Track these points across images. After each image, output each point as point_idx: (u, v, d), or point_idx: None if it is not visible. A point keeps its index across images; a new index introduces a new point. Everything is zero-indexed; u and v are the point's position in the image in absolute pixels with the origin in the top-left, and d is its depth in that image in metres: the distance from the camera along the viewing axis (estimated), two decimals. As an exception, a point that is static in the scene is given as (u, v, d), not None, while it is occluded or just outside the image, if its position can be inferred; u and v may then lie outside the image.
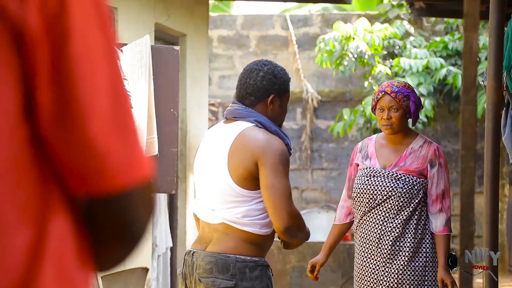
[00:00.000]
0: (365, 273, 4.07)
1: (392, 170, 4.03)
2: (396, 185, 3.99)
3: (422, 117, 9.72)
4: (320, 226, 9.61)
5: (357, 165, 4.16)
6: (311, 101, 11.58)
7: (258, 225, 3.26)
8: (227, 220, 3.27)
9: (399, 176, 4.01)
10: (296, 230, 3.27)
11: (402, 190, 3.98)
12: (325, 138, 11.60)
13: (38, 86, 1.04)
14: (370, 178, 4.05)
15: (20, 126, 1.03)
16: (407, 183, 3.99)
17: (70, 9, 1.04)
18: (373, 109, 4.11)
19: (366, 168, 4.08)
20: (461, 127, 6.71)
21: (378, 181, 4.03)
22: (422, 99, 9.83)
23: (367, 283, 4.06)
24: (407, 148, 4.07)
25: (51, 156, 1.06)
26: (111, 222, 1.11)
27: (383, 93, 4.05)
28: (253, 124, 3.31)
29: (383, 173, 4.03)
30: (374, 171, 4.05)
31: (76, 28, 1.04)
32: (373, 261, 4.04)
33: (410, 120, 4.14)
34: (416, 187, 3.99)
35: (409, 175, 4.01)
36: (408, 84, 4.16)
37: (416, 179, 4.00)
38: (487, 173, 4.50)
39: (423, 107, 4.58)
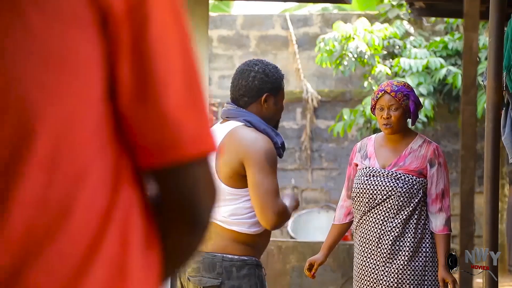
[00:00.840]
0: (365, 273, 4.07)
1: (392, 170, 4.03)
2: (395, 184, 3.99)
3: (422, 117, 9.72)
4: (320, 226, 9.61)
5: (356, 165, 4.15)
6: (311, 101, 11.58)
7: (246, 224, 3.27)
8: (214, 219, 3.27)
9: (399, 175, 4.00)
10: (282, 225, 3.30)
11: (402, 190, 3.98)
12: (325, 138, 11.60)
13: (120, 65, 1.12)
14: (369, 178, 4.05)
15: (103, 100, 1.11)
16: (406, 182, 3.99)
17: None
18: (373, 108, 4.11)
19: (366, 168, 4.08)
20: (461, 127, 6.71)
21: (377, 181, 4.02)
22: (422, 99, 9.82)
23: (367, 283, 4.06)
24: (407, 147, 4.07)
25: (127, 130, 1.14)
26: (177, 199, 1.17)
27: (382, 92, 4.06)
28: (242, 124, 3.33)
29: (382, 173, 4.03)
30: (374, 171, 4.05)
31: (155, 11, 1.12)
32: (373, 261, 4.04)
33: (409, 120, 4.14)
34: (415, 187, 3.99)
35: (408, 174, 4.00)
36: (408, 83, 4.16)
37: (416, 178, 4.00)
38: (487, 173, 4.50)
39: (422, 107, 4.59)
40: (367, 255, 4.05)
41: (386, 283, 4.01)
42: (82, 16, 1.08)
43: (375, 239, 4.01)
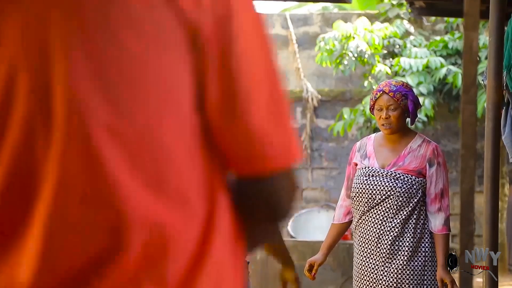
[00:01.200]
0: (364, 272, 4.06)
1: (391, 170, 4.02)
2: (395, 184, 3.99)
3: (422, 116, 9.72)
4: (320, 225, 9.60)
5: (356, 164, 4.15)
6: (311, 100, 11.57)
7: None
8: None
9: (398, 175, 4.00)
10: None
11: (401, 190, 3.98)
12: (325, 137, 11.60)
13: (208, 81, 1.16)
14: (369, 178, 4.04)
15: (193, 115, 1.16)
16: (405, 182, 3.99)
17: (235, 11, 1.17)
18: (371, 109, 4.11)
19: (365, 168, 4.07)
20: (461, 127, 6.70)
21: (377, 180, 4.02)
22: (422, 98, 9.81)
23: (366, 282, 4.06)
24: (406, 147, 4.06)
25: (216, 142, 1.19)
26: (262, 201, 1.23)
27: (381, 92, 4.05)
28: None
29: (381, 173, 4.02)
30: (373, 171, 4.04)
31: (240, 27, 1.17)
32: (372, 261, 4.04)
33: (408, 120, 4.14)
34: (415, 187, 3.99)
35: (407, 174, 4.00)
36: (406, 83, 4.15)
37: (415, 178, 3.99)
38: (487, 173, 4.50)
39: (421, 106, 4.59)
40: (367, 254, 4.05)
41: (385, 283, 4.01)
42: (175, 38, 1.13)
43: (374, 239, 4.01)
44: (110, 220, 1.11)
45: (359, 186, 4.05)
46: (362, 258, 4.07)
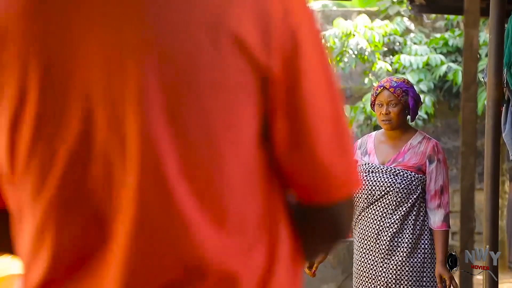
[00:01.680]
0: (363, 269, 4.07)
1: (391, 166, 4.03)
2: (394, 180, 4.00)
3: (422, 113, 9.72)
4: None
5: (356, 161, 4.17)
6: (311, 97, 11.58)
7: None
8: None
9: (397, 171, 4.01)
10: None
11: (400, 186, 3.99)
12: (325, 135, 11.60)
13: (276, 119, 1.21)
14: (368, 174, 4.06)
15: (258, 150, 1.21)
16: (405, 178, 4.00)
17: (302, 51, 1.21)
18: (372, 105, 4.12)
19: (365, 164, 4.09)
20: (461, 124, 6.70)
21: (376, 177, 4.03)
22: (422, 95, 9.81)
23: (365, 279, 4.07)
24: (406, 144, 4.07)
25: (282, 173, 1.24)
26: (325, 227, 1.30)
27: (382, 88, 4.07)
28: None
29: (381, 169, 4.04)
30: (373, 167, 4.06)
31: (306, 67, 1.21)
32: (372, 257, 4.05)
33: (409, 117, 4.15)
34: (414, 183, 4.00)
35: (407, 170, 4.01)
36: (407, 80, 4.17)
37: (415, 174, 4.00)
38: (487, 170, 4.50)
39: (422, 103, 4.60)
40: (366, 251, 4.06)
41: (384, 279, 4.01)
42: (246, 83, 1.17)
43: (374, 235, 4.02)
44: (184, 256, 1.16)
45: None
46: (362, 254, 4.08)
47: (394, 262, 4.01)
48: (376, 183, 4.02)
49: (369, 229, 4.05)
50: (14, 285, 5.18)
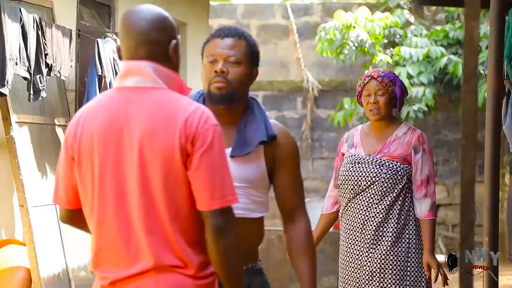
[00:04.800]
0: (349, 259, 4.09)
1: (376, 157, 4.05)
2: (379, 171, 4.02)
3: (422, 106, 9.72)
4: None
5: (343, 154, 4.18)
6: (312, 90, 11.57)
7: None
8: None
9: (383, 162, 4.03)
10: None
11: (386, 176, 4.01)
12: (325, 128, 11.61)
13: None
14: (354, 165, 4.07)
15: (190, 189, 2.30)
16: (390, 169, 4.01)
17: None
18: (359, 95, 4.13)
19: (351, 156, 4.11)
20: (461, 116, 6.70)
21: (362, 167, 4.05)
22: (422, 88, 9.82)
23: (351, 269, 4.08)
24: (391, 135, 4.09)
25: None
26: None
27: (369, 78, 4.09)
28: None
29: (367, 160, 4.05)
30: (359, 158, 4.08)
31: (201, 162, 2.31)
32: (357, 247, 4.06)
33: (395, 109, 4.17)
34: (399, 173, 4.01)
35: (392, 161, 4.03)
36: (393, 71, 4.18)
37: (400, 165, 4.02)
38: (487, 162, 4.50)
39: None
40: (352, 241, 4.08)
41: (369, 269, 4.03)
42: (177, 160, 2.21)
43: (359, 225, 4.04)
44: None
45: (345, 173, 4.09)
46: (347, 244, 4.10)
47: (379, 252, 4.02)
48: (362, 174, 4.03)
49: (355, 219, 4.06)
50: (14, 276, 5.18)
